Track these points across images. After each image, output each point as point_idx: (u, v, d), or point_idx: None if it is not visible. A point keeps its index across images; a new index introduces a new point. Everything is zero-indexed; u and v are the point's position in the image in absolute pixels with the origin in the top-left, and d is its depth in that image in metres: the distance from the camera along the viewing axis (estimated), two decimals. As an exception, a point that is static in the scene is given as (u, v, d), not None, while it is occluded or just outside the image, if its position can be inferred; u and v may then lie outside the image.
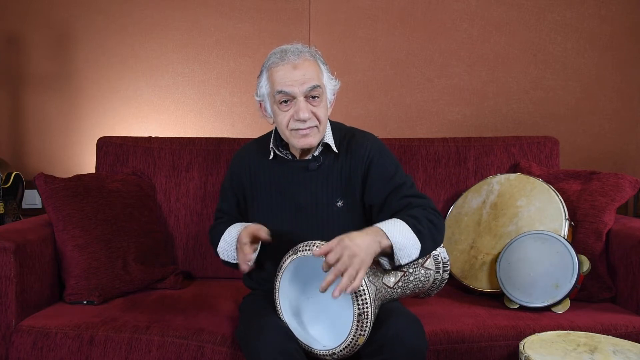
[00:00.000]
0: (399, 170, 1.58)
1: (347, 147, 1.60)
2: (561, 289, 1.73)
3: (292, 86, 1.48)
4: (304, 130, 1.51)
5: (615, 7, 2.67)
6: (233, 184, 1.70)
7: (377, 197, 1.55)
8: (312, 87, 1.49)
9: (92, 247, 1.86)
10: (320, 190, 1.58)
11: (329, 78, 1.56)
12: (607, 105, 2.71)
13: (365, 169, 1.57)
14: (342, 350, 1.35)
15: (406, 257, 1.40)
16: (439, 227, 1.47)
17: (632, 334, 1.63)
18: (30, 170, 2.71)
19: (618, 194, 1.93)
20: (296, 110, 1.49)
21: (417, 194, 1.54)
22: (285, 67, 1.49)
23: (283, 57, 1.50)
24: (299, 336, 1.42)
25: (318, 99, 1.51)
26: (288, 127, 1.52)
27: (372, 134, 1.66)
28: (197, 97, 2.72)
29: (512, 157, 2.23)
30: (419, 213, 1.45)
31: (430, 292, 1.66)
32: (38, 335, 1.61)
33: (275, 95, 1.50)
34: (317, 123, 1.52)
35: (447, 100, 2.71)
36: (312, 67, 1.51)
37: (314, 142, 1.54)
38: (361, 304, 1.31)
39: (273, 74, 1.51)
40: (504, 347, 1.60)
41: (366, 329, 1.32)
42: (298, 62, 1.49)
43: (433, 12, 2.68)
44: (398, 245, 1.38)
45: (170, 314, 1.73)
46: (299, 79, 1.48)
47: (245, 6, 2.68)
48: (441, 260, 1.61)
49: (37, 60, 2.70)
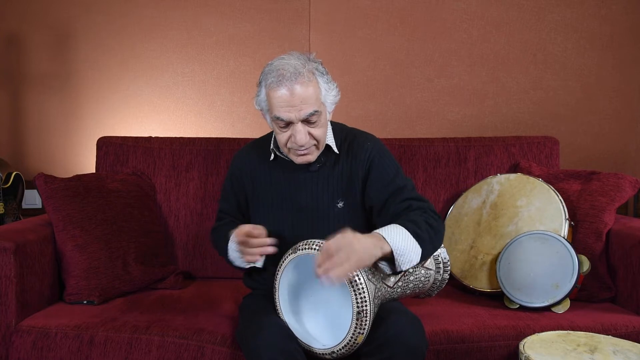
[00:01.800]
0: (399, 172, 1.58)
1: (348, 149, 1.60)
2: (561, 289, 1.73)
3: (289, 113, 1.46)
4: (302, 150, 1.51)
5: (615, 7, 2.67)
6: (234, 185, 1.70)
7: (377, 199, 1.55)
8: (310, 113, 1.46)
9: (92, 247, 1.86)
10: (321, 191, 1.58)
11: (327, 91, 1.51)
12: (607, 105, 2.71)
13: (366, 171, 1.57)
14: (342, 348, 1.35)
15: (407, 263, 1.40)
16: (438, 230, 1.47)
17: (632, 334, 1.63)
18: (30, 170, 2.71)
19: (618, 194, 1.93)
20: (293, 134, 1.48)
21: (417, 197, 1.54)
22: (282, 93, 1.45)
23: (280, 82, 1.45)
24: (298, 335, 1.43)
25: (316, 121, 1.49)
26: (286, 145, 1.52)
27: (373, 136, 1.66)
28: (197, 97, 2.72)
29: (512, 157, 2.23)
30: (418, 217, 1.45)
31: (430, 292, 1.66)
32: (38, 335, 1.61)
33: (273, 119, 1.50)
34: (316, 143, 1.52)
35: (447, 100, 2.71)
36: (310, 89, 1.45)
37: (312, 159, 1.55)
38: (360, 302, 1.31)
39: (270, 96, 1.48)
40: (504, 347, 1.60)
41: (365, 327, 1.32)
42: (294, 87, 1.44)
43: (433, 12, 2.68)
44: (399, 251, 1.38)
45: (170, 314, 1.73)
46: (296, 105, 1.45)
47: (245, 6, 2.68)
48: (441, 261, 1.62)
49: (37, 60, 2.70)
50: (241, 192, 1.68)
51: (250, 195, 1.66)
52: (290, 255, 1.43)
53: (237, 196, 1.69)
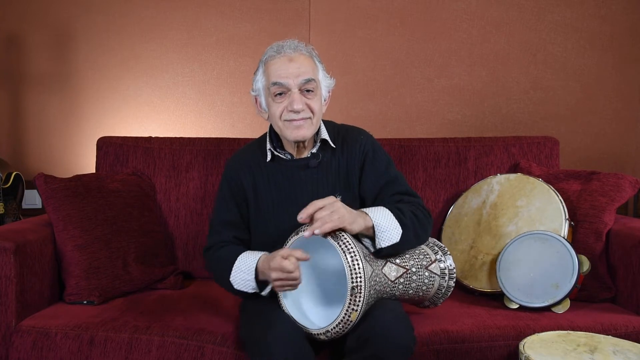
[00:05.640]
0: (390, 165, 1.64)
1: (343, 142, 1.63)
2: (561, 289, 1.73)
3: (287, 78, 1.50)
4: (298, 121, 1.52)
5: (615, 7, 2.67)
6: (233, 189, 1.65)
7: (370, 191, 1.60)
8: (307, 80, 1.51)
9: (92, 247, 1.86)
10: (322, 187, 1.60)
11: (324, 75, 1.59)
12: (607, 105, 2.71)
13: (362, 163, 1.61)
14: (335, 327, 1.36)
15: (387, 240, 1.45)
16: (423, 222, 1.53)
17: (632, 334, 1.63)
18: (30, 170, 2.71)
19: (618, 194, 1.93)
20: (290, 101, 1.51)
21: (408, 191, 1.60)
22: (281, 60, 1.52)
23: (279, 51, 1.53)
24: (296, 318, 1.44)
25: (312, 92, 1.54)
26: (281, 117, 1.54)
27: (363, 130, 1.70)
28: (197, 97, 2.72)
29: (512, 157, 2.23)
30: (404, 207, 1.52)
31: (435, 300, 1.65)
32: (38, 335, 1.61)
33: (271, 87, 1.52)
34: (311, 115, 1.54)
35: (447, 100, 2.71)
36: (307, 61, 1.54)
37: (307, 135, 1.55)
38: (355, 278, 1.33)
39: (269, 67, 1.53)
40: (504, 347, 1.59)
41: (359, 305, 1.33)
42: (294, 56, 1.52)
43: (433, 12, 2.68)
44: (379, 227, 1.44)
45: (170, 314, 1.73)
46: (294, 71, 1.51)
47: (245, 6, 2.68)
48: (447, 267, 1.61)
49: (37, 60, 2.70)
50: (241, 196, 1.65)
51: (251, 198, 1.64)
52: (293, 237, 1.47)
53: (237, 201, 1.65)
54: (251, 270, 1.49)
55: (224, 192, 1.67)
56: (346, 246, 1.36)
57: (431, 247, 1.62)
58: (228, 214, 1.65)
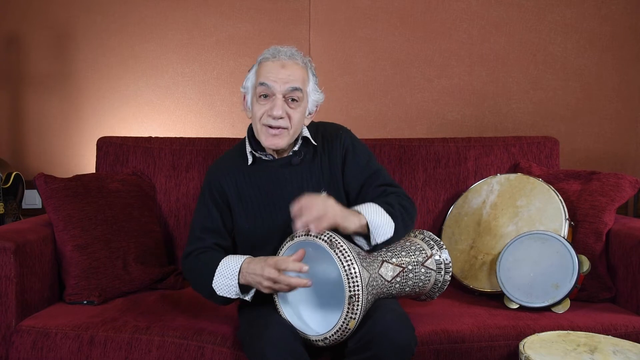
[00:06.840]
0: (371, 158, 1.66)
1: (323, 139, 1.65)
2: (561, 289, 1.73)
3: (274, 82, 1.51)
4: (274, 129, 1.53)
5: (615, 7, 2.67)
6: (214, 196, 1.63)
7: (353, 185, 1.61)
8: (294, 88, 1.52)
9: (92, 247, 1.86)
10: (306, 183, 1.60)
11: (314, 89, 1.60)
12: (607, 105, 2.71)
13: (343, 158, 1.63)
14: (334, 334, 1.36)
15: (381, 236, 1.48)
16: (410, 212, 1.57)
17: (632, 334, 1.63)
18: (30, 170, 2.71)
19: (618, 194, 1.93)
20: (272, 106, 1.52)
21: (391, 183, 1.62)
22: (274, 64, 1.53)
23: (275, 55, 1.55)
24: (294, 324, 1.44)
25: (297, 102, 1.54)
26: (261, 120, 1.55)
27: (342, 125, 1.72)
28: (197, 97, 2.72)
29: (512, 157, 2.23)
30: (391, 199, 1.54)
31: (432, 294, 1.66)
32: (38, 335, 1.61)
33: (257, 87, 1.53)
34: (289, 125, 1.54)
35: (447, 100, 2.71)
36: (299, 71, 1.55)
37: (281, 145, 1.56)
38: (352, 287, 1.33)
39: (261, 68, 1.55)
40: (504, 347, 1.59)
41: (357, 313, 1.33)
42: (287, 62, 1.53)
43: (433, 12, 2.68)
44: (373, 224, 1.46)
45: (170, 314, 1.73)
46: (283, 77, 1.52)
47: (245, 6, 2.68)
48: (443, 262, 1.62)
49: (37, 60, 2.70)
50: (224, 200, 1.63)
51: (235, 203, 1.62)
52: (288, 243, 1.46)
53: (221, 210, 1.63)
54: (234, 275, 1.47)
55: (206, 199, 1.65)
56: (343, 254, 1.35)
57: (427, 242, 1.63)
58: (209, 220, 1.62)
